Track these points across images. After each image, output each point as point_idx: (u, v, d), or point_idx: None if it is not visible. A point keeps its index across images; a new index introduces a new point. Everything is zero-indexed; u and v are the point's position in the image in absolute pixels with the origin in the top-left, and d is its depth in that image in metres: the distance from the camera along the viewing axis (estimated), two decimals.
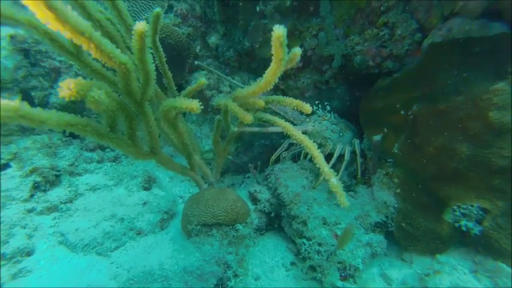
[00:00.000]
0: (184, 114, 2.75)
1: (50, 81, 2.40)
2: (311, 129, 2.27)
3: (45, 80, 2.39)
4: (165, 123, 1.44)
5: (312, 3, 2.16)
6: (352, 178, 2.38)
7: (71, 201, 2.11)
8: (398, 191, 2.00)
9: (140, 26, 0.85)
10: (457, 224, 1.75)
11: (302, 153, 2.40)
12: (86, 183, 2.33)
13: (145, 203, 2.19)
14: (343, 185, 1.15)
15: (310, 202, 1.97)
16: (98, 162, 2.53)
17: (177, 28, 2.42)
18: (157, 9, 1.28)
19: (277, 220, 2.13)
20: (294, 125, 2.28)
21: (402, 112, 1.97)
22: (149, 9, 2.42)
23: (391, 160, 2.07)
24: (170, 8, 2.54)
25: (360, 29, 2.13)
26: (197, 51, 2.59)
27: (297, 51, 1.03)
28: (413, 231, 1.95)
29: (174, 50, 2.39)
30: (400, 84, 2.03)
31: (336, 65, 2.26)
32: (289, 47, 2.43)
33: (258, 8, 2.16)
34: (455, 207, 1.76)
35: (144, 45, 0.92)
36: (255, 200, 2.12)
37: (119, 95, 1.18)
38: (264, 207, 2.07)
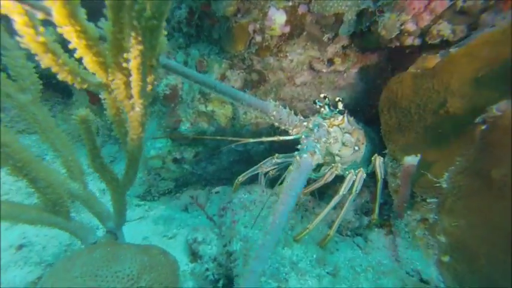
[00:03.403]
0: None
1: None
2: (313, 139, 1.25)
3: None
4: None
5: None
6: (361, 215, 1.60)
7: None
8: (446, 259, 1.14)
9: None
10: None
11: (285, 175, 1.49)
12: None
13: (21, 246, 1.36)
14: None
15: (284, 272, 1.10)
16: None
17: None
18: None
19: None
20: (283, 133, 1.38)
21: (464, 117, 1.06)
22: None
23: (433, 200, 1.21)
24: None
25: None
26: None
27: None
28: None
29: None
30: (464, 64, 1.12)
31: (345, 32, 1.36)
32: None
33: None
34: None
35: None
36: (194, 255, 1.25)
37: None
38: (207, 270, 1.20)
